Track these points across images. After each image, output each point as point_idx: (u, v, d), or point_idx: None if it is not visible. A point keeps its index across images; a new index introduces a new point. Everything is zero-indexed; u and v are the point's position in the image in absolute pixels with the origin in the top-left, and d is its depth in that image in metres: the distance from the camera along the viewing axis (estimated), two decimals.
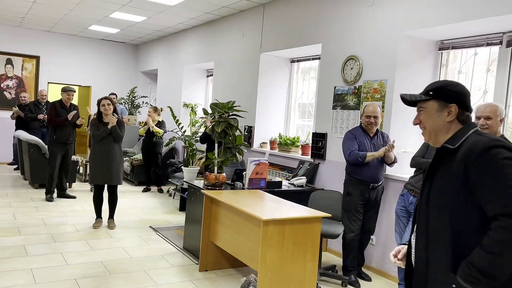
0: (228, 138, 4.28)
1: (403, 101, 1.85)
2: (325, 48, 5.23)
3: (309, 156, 5.40)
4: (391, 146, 3.95)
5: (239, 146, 4.35)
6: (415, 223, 1.83)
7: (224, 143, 4.31)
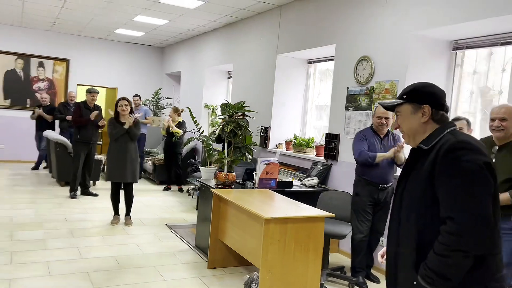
0: (238, 138, 4.34)
1: (385, 108, 1.88)
2: (339, 49, 5.22)
3: (322, 157, 5.40)
4: (401, 147, 3.91)
5: (249, 146, 4.41)
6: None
7: (234, 143, 4.38)
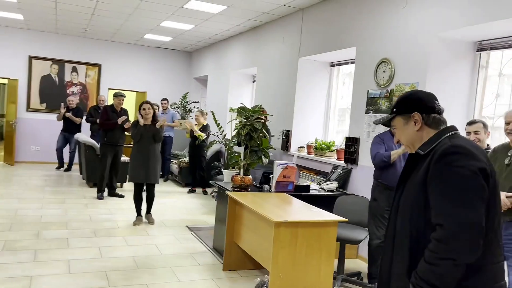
0: (254, 141, 4.36)
1: (378, 124, 1.87)
2: (359, 51, 5.15)
3: (343, 161, 5.33)
4: None
5: (265, 149, 4.41)
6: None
7: (250, 146, 4.40)
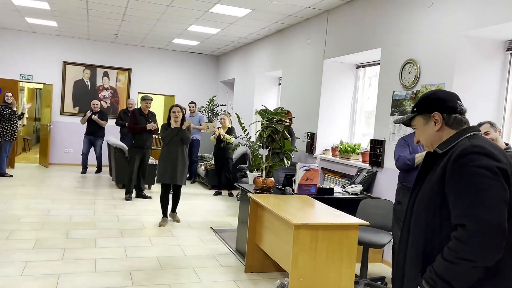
0: (276, 143, 4.35)
1: (398, 123, 1.85)
2: (384, 52, 5.07)
3: (368, 164, 5.25)
4: None
5: (287, 151, 4.40)
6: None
7: (272, 148, 4.40)
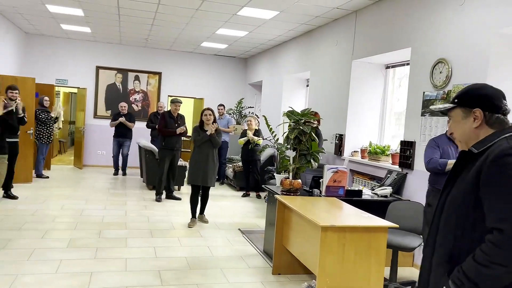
0: (303, 145, 4.34)
1: (440, 113, 1.77)
2: (414, 52, 4.97)
3: (398, 166, 5.15)
4: None
5: (315, 153, 4.38)
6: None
7: (299, 150, 4.39)
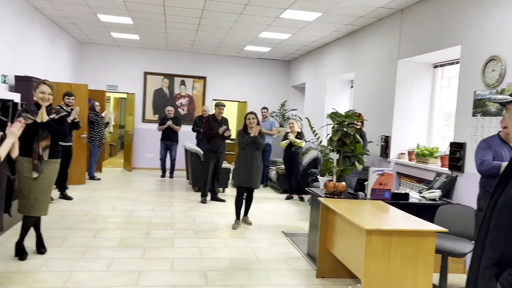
0: (348, 147, 4.29)
1: (493, 102, 1.70)
2: (465, 50, 4.78)
3: (447, 168, 4.97)
4: None
5: (359, 155, 4.31)
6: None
7: (343, 152, 4.34)
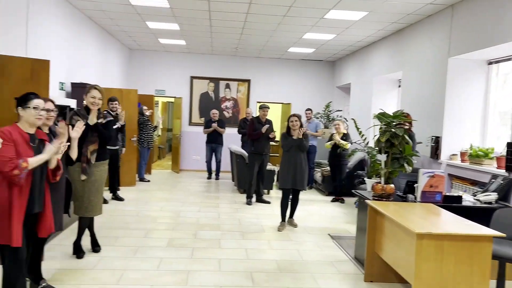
0: (396, 148, 4.17)
1: None
2: None
3: (504, 170, 4.72)
4: None
5: (408, 157, 4.18)
6: None
7: (392, 153, 4.22)
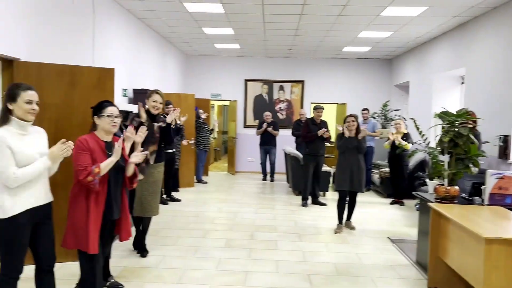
0: (460, 148, 3.97)
1: None
2: None
3: None
4: None
5: (474, 157, 3.96)
6: None
7: (456, 154, 4.02)
